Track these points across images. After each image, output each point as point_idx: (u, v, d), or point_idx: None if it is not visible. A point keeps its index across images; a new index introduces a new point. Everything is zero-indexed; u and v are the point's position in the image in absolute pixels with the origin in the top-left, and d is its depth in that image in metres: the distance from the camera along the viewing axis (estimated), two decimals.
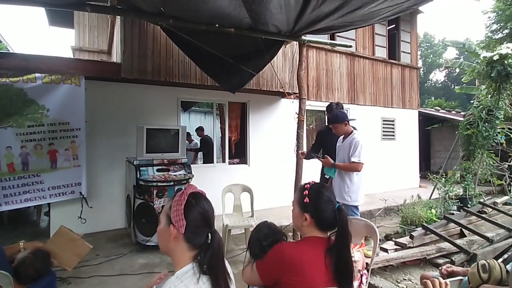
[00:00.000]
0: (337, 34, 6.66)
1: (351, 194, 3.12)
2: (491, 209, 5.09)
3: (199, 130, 7.34)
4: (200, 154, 7.38)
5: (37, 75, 3.71)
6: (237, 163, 5.99)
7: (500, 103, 5.58)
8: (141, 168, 3.81)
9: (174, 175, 3.96)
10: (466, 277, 1.72)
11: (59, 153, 3.95)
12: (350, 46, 4.47)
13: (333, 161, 3.17)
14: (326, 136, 3.81)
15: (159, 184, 3.75)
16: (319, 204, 1.39)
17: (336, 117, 3.17)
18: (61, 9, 6.17)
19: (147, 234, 3.73)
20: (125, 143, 4.68)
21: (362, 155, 3.02)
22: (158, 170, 3.92)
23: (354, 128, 3.30)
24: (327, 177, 3.43)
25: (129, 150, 4.59)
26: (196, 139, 7.45)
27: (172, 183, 3.82)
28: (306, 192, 1.42)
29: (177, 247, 1.03)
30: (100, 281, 3.06)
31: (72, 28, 8.20)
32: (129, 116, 4.77)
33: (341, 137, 3.33)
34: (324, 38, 5.73)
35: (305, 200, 1.41)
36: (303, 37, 3.63)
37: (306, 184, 1.48)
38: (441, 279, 1.35)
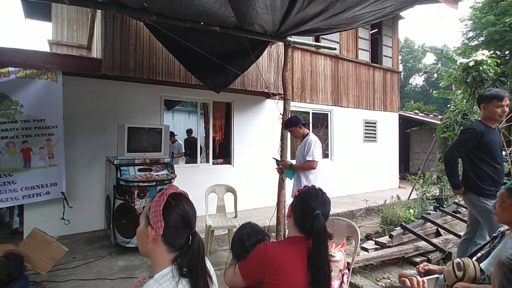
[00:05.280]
0: (322, 36, 6.76)
1: None
2: (465, 209, 5.30)
3: (188, 132, 7.66)
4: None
5: (10, 69, 3.54)
6: (221, 163, 5.95)
7: (474, 107, 5.81)
8: (121, 168, 3.70)
9: (156, 175, 3.87)
10: (442, 275, 1.77)
11: (34, 151, 3.78)
12: (334, 49, 4.53)
13: (290, 163, 3.32)
14: (487, 137, 2.72)
15: (141, 184, 3.66)
16: (298, 210, 1.45)
17: (290, 121, 3.37)
18: (38, 1, 5.92)
19: (128, 236, 3.63)
20: (105, 141, 4.54)
21: (316, 153, 3.13)
22: (139, 170, 3.83)
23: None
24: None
25: (110, 149, 4.45)
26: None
27: (154, 183, 3.74)
28: (294, 196, 1.51)
29: (156, 249, 1.00)
30: (76, 285, 2.94)
31: (49, 21, 7.86)
32: (109, 114, 4.62)
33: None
34: (309, 40, 5.78)
35: (293, 204, 1.50)
36: (289, 38, 3.65)
37: (301, 187, 1.55)
38: (418, 277, 1.39)
